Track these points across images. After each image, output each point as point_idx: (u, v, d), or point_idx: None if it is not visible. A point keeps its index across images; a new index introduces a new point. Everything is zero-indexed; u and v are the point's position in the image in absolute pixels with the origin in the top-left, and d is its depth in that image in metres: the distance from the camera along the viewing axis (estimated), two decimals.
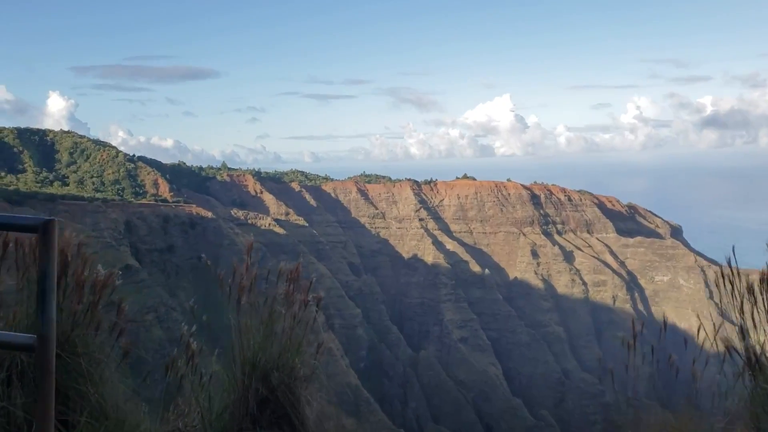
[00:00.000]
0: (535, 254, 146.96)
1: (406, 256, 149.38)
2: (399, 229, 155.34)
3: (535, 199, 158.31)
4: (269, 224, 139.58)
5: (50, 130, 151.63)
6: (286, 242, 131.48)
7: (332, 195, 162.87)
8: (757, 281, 4.70)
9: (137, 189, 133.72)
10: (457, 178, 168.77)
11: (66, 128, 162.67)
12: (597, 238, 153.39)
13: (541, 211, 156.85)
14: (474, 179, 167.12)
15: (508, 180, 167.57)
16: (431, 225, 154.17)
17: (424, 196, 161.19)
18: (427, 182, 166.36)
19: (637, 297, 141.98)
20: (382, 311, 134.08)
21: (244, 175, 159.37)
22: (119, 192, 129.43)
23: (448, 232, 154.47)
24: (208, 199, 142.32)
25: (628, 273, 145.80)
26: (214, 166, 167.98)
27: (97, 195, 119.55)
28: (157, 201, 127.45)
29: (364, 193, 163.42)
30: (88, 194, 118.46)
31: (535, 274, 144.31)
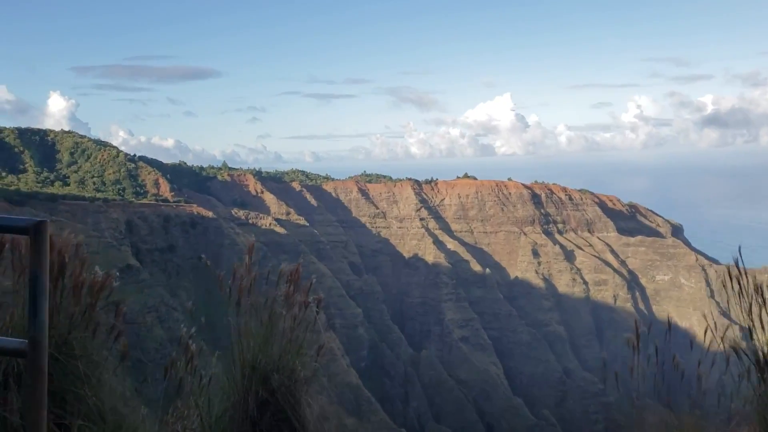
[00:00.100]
0: (536, 253, 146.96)
1: (406, 255, 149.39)
2: (400, 228, 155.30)
3: (535, 199, 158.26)
4: (270, 224, 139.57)
5: (51, 130, 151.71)
6: (287, 242, 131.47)
7: (333, 194, 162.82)
8: (765, 282, 4.64)
9: (138, 189, 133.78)
10: (458, 178, 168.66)
11: (67, 128, 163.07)
12: (598, 238, 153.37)
13: (542, 211, 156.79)
14: (475, 179, 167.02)
15: (509, 179, 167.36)
16: (432, 224, 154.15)
17: (425, 196, 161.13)
18: (428, 182, 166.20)
19: (638, 296, 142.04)
20: (383, 311, 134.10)
21: (245, 175, 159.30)
22: (120, 192, 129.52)
23: (448, 231, 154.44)
24: (209, 199, 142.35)
25: (629, 272, 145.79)
26: (215, 166, 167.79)
27: (98, 195, 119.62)
28: (157, 201, 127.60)
29: (364, 193, 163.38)
30: (89, 194, 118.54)
31: (536, 273, 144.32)
